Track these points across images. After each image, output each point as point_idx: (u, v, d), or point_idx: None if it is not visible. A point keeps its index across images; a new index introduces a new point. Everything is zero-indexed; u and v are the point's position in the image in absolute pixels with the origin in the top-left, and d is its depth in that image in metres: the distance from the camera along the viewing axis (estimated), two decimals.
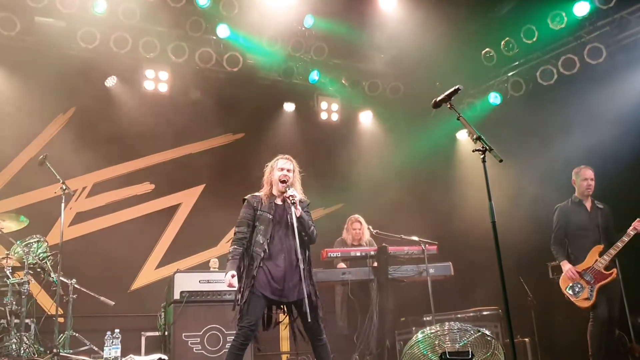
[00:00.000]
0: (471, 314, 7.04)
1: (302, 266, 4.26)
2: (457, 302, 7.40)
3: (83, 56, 7.53)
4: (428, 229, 7.39)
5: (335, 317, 6.90)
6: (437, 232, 7.48)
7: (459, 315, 6.99)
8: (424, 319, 6.82)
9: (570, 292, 5.50)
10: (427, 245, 6.23)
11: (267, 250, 4.35)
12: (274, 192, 4.55)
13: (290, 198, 4.34)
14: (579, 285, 5.46)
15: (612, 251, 5.38)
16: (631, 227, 5.35)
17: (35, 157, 6.94)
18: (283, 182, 4.47)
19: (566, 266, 5.51)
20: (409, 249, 6.32)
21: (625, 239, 5.33)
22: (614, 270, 5.44)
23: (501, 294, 3.51)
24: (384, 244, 6.35)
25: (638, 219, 5.36)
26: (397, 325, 7.14)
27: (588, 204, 5.73)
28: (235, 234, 4.47)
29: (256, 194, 4.59)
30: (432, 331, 4.41)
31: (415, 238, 6.28)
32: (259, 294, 4.26)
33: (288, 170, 4.52)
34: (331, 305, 6.92)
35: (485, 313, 7.00)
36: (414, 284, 6.49)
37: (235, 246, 4.40)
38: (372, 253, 6.31)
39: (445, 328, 4.36)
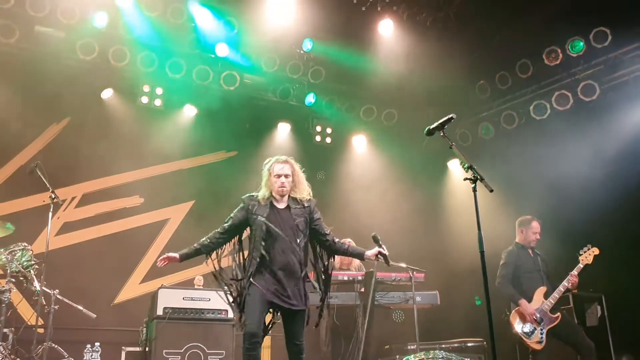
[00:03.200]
0: (456, 345, 6.98)
1: (300, 273, 4.25)
2: (442, 332, 7.34)
3: (81, 67, 7.55)
4: (416, 256, 7.36)
5: (319, 341, 6.82)
6: (425, 260, 7.45)
7: (443, 345, 6.91)
8: (408, 347, 6.75)
9: (521, 332, 5.48)
10: (414, 273, 6.20)
11: (264, 255, 4.23)
12: (275, 194, 4.43)
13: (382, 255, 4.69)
14: (530, 326, 5.47)
15: (557, 294, 5.52)
16: (566, 279, 5.51)
17: (26, 165, 6.90)
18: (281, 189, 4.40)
19: (528, 308, 5.48)
20: (397, 276, 6.29)
21: (566, 284, 5.51)
22: (559, 315, 5.56)
23: (487, 326, 3.49)
24: (371, 269, 6.31)
25: (575, 270, 5.52)
26: (380, 352, 7.06)
27: (530, 251, 5.94)
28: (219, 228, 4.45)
29: (253, 194, 4.48)
30: (417, 358, 4.38)
31: (403, 265, 6.25)
32: (256, 295, 4.16)
33: (286, 176, 4.39)
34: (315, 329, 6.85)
35: (470, 344, 6.94)
36: (399, 312, 6.44)
37: (204, 238, 4.43)
38: (360, 278, 6.27)
39: (430, 356, 4.33)
